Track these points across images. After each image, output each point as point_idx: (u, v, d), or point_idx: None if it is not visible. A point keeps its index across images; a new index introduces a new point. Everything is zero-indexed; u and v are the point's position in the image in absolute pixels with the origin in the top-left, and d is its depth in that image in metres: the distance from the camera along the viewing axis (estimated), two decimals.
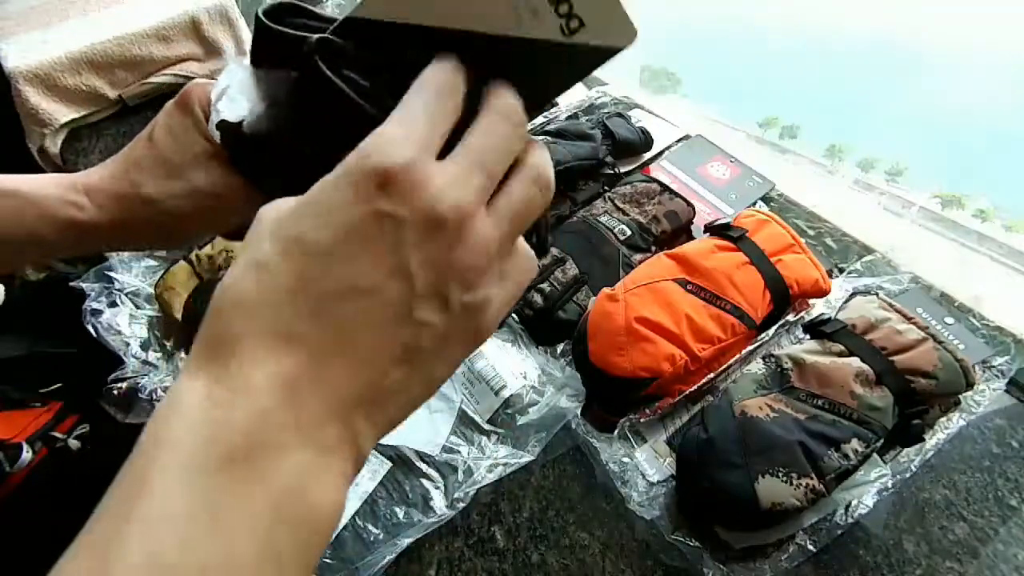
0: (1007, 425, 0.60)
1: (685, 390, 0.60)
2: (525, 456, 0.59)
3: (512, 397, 0.62)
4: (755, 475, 0.50)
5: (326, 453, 0.18)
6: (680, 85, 1.54)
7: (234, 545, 0.16)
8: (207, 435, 0.17)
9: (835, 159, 1.96)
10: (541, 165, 0.22)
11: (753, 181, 0.81)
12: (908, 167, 1.91)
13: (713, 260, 0.62)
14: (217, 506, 0.16)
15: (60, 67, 0.92)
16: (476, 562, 0.55)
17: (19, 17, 1.00)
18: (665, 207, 0.73)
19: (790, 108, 4.02)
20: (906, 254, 0.72)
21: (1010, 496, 0.56)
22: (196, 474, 0.16)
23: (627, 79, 1.12)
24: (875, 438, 0.52)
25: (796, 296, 0.63)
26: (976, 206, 1.74)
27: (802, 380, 0.55)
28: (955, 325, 0.65)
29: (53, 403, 0.86)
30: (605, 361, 0.59)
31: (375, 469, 0.59)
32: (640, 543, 0.55)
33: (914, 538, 0.54)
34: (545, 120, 0.88)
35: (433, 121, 0.20)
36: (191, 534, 0.16)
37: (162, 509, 0.16)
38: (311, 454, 0.18)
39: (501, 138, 0.21)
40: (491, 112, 0.21)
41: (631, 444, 0.59)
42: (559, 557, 0.55)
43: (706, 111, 1.19)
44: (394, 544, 0.54)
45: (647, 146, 0.85)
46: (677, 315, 0.59)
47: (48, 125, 0.94)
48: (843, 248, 0.75)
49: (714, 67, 4.23)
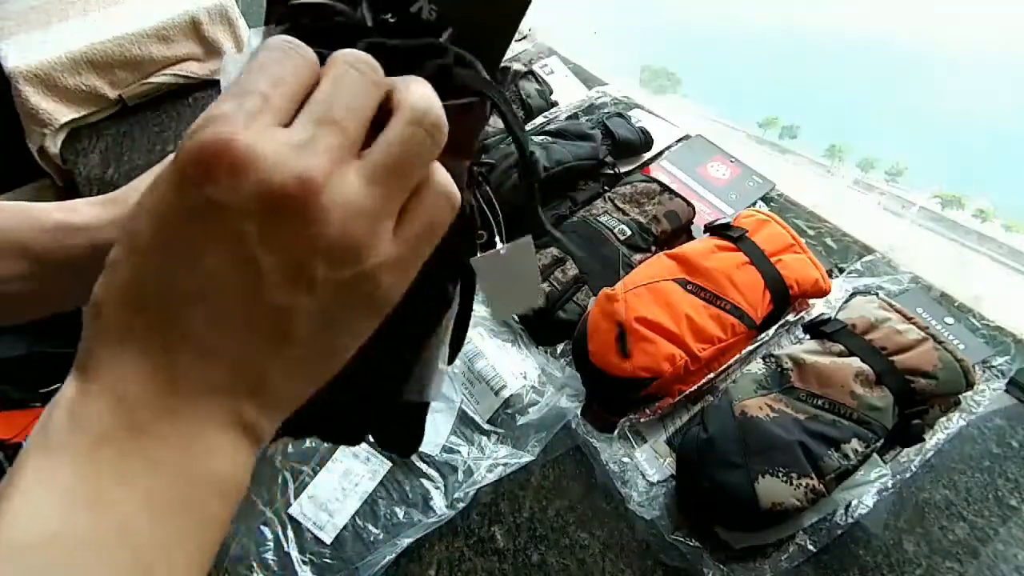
0: (1007, 425, 0.60)
1: (685, 390, 0.60)
2: (525, 456, 0.59)
3: (512, 397, 0.62)
4: (755, 475, 0.50)
5: (195, 440, 0.18)
6: (680, 85, 1.53)
7: (95, 528, 0.16)
8: (71, 426, 0.17)
9: (835, 159, 1.96)
10: (421, 102, 0.19)
11: (753, 181, 0.81)
12: (908, 167, 1.91)
13: (713, 260, 0.62)
14: (86, 487, 0.16)
15: (60, 67, 0.92)
16: (476, 562, 0.55)
17: (19, 17, 1.00)
18: (665, 207, 0.73)
19: (790, 108, 4.03)
20: (906, 254, 0.72)
21: (1010, 496, 0.56)
22: (60, 460, 0.16)
23: (627, 79, 1.12)
24: (875, 438, 0.52)
25: (796, 296, 0.63)
26: (976, 206, 1.74)
27: (802, 380, 0.55)
28: (955, 325, 0.65)
29: None
30: (605, 361, 0.59)
31: (375, 469, 0.59)
32: (640, 543, 0.55)
33: (914, 538, 0.54)
34: (545, 120, 0.88)
35: (271, 82, 0.17)
36: (51, 515, 0.16)
37: (25, 492, 0.16)
38: (179, 442, 0.17)
39: (350, 84, 0.18)
40: (335, 63, 0.19)
41: (631, 444, 0.59)
42: (559, 557, 0.55)
43: (706, 111, 1.19)
44: (394, 544, 0.54)
45: (647, 146, 0.85)
46: (677, 315, 0.59)
47: (48, 125, 0.94)
48: (843, 248, 0.75)
49: (714, 67, 4.24)
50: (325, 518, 0.56)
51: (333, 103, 0.18)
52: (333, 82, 0.18)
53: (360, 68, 0.18)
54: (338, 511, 0.57)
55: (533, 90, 0.91)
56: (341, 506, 0.57)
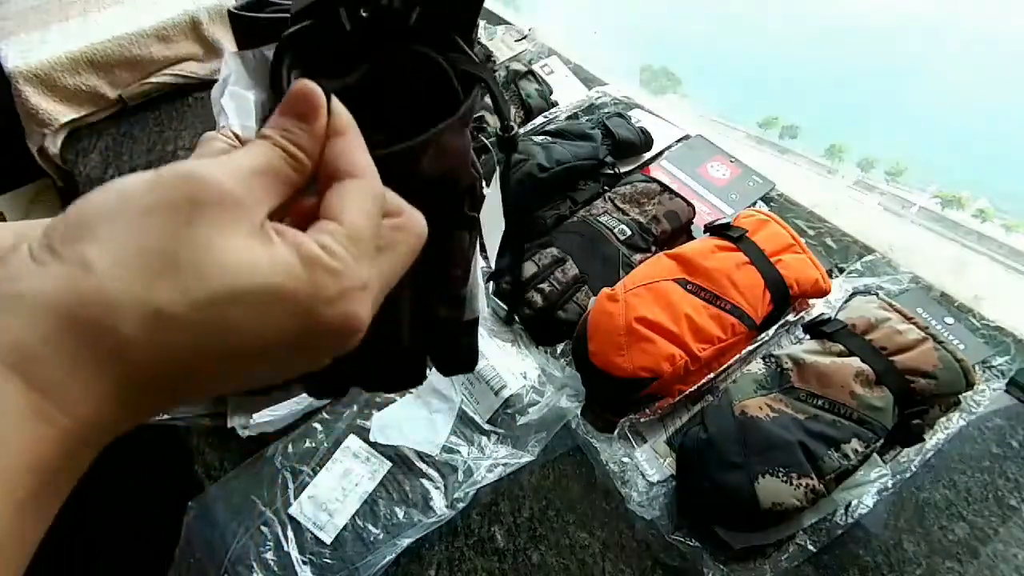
0: (1007, 425, 0.60)
1: (685, 390, 0.60)
2: (525, 456, 0.59)
3: (512, 397, 0.62)
4: (755, 475, 0.50)
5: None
6: (680, 85, 1.53)
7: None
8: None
9: (835, 159, 1.96)
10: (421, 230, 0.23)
11: (753, 181, 0.81)
12: (908, 167, 1.91)
13: (713, 260, 0.62)
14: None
15: (60, 67, 0.92)
16: (476, 562, 0.55)
17: (19, 17, 1.00)
18: (665, 207, 0.73)
19: (790, 108, 4.07)
20: (906, 254, 0.72)
21: (1010, 496, 0.56)
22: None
23: (627, 79, 1.12)
24: (875, 438, 0.52)
25: (796, 296, 0.63)
26: (976, 206, 1.74)
27: (802, 380, 0.55)
28: (955, 325, 0.65)
29: None
30: (605, 361, 0.59)
31: (375, 469, 0.59)
32: (640, 543, 0.55)
33: (914, 538, 0.54)
34: (545, 120, 0.88)
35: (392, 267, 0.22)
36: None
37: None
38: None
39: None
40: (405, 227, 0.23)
41: (631, 444, 0.59)
42: (559, 557, 0.55)
43: (706, 111, 1.19)
44: (394, 544, 0.54)
45: (647, 146, 0.84)
46: (677, 315, 0.59)
47: (48, 125, 0.94)
48: (843, 248, 0.75)
49: (714, 67, 4.28)
50: (325, 518, 0.56)
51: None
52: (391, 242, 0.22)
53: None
54: (338, 511, 0.57)
55: (533, 90, 0.91)
56: (341, 506, 0.57)
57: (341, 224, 0.20)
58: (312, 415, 0.62)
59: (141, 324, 0.17)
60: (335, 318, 0.19)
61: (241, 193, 0.19)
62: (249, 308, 0.18)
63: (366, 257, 0.20)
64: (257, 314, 0.18)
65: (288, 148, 0.21)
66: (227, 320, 0.18)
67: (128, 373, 0.17)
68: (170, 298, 0.17)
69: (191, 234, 0.17)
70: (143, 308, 0.17)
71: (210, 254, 0.17)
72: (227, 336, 0.18)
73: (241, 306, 0.18)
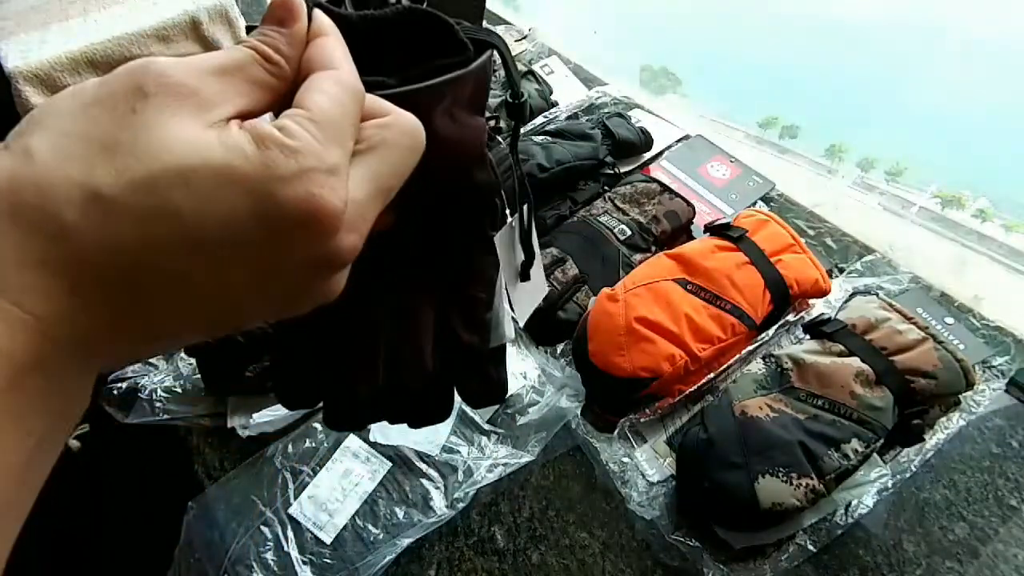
0: (1007, 425, 0.60)
1: (685, 390, 0.60)
2: (525, 456, 0.59)
3: (512, 397, 0.62)
4: (755, 475, 0.50)
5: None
6: (680, 85, 1.53)
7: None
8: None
9: (835, 159, 1.96)
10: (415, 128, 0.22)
11: (753, 181, 0.81)
12: (908, 167, 1.90)
13: (713, 260, 0.62)
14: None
15: (60, 67, 0.92)
16: (476, 562, 0.55)
17: (19, 17, 1.00)
18: (665, 207, 0.73)
19: (790, 108, 4.04)
20: (906, 254, 0.72)
21: (1010, 496, 0.56)
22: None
23: (627, 79, 1.12)
24: (875, 438, 0.52)
25: (796, 296, 0.63)
26: (976, 206, 1.74)
27: (802, 380, 0.55)
28: (955, 325, 0.65)
29: None
30: (605, 361, 0.59)
31: (375, 469, 0.59)
32: (640, 543, 0.55)
33: (914, 538, 0.54)
34: (545, 120, 0.88)
35: (352, 133, 0.20)
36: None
37: None
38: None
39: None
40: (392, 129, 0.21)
41: (631, 444, 0.59)
42: (559, 557, 0.55)
43: (706, 111, 1.19)
44: (394, 544, 0.54)
45: (647, 146, 0.85)
46: (677, 315, 0.59)
47: None
48: (843, 248, 0.75)
49: (714, 67, 4.25)
50: (325, 518, 0.56)
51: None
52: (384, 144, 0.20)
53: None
54: (338, 511, 0.57)
55: (533, 90, 0.91)
56: (341, 506, 0.57)
57: (307, 110, 0.18)
58: (312, 415, 0.62)
59: (81, 209, 0.16)
60: (294, 198, 0.17)
61: (196, 85, 0.18)
62: (194, 190, 0.16)
63: (334, 143, 0.18)
64: (204, 196, 0.16)
65: (260, 48, 0.19)
66: (171, 202, 0.16)
67: (77, 263, 0.16)
68: (108, 180, 0.16)
69: (135, 120, 0.17)
70: (81, 190, 0.16)
71: (152, 135, 0.17)
72: (173, 221, 0.16)
73: (185, 188, 0.16)
